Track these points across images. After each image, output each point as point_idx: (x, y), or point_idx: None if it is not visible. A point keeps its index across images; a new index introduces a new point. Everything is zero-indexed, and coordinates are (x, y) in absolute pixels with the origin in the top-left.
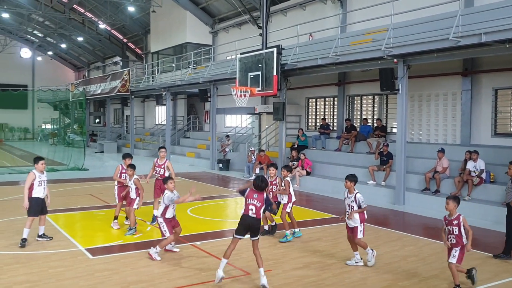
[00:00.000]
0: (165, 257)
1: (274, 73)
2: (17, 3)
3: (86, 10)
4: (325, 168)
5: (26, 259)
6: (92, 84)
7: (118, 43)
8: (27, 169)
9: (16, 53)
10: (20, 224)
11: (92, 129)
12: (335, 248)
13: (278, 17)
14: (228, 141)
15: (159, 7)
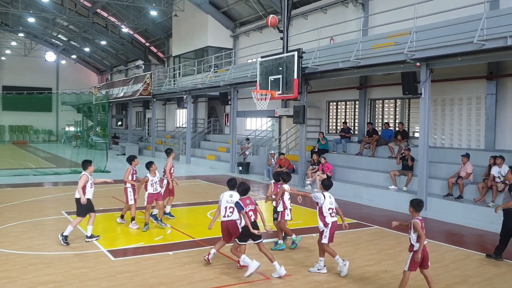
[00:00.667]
0: (186, 260)
1: (295, 77)
2: (42, 8)
3: (109, 14)
4: (346, 172)
5: (50, 259)
6: (115, 87)
7: (141, 47)
8: (51, 171)
9: (41, 57)
10: (43, 225)
11: (114, 132)
12: (355, 253)
13: (299, 20)
14: (248, 144)
15: (181, 12)
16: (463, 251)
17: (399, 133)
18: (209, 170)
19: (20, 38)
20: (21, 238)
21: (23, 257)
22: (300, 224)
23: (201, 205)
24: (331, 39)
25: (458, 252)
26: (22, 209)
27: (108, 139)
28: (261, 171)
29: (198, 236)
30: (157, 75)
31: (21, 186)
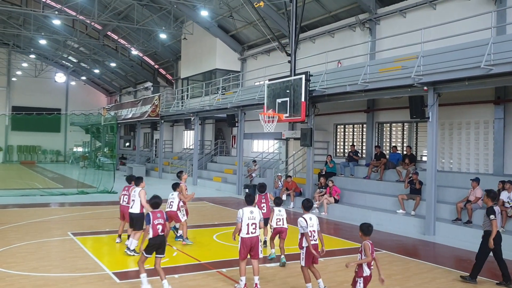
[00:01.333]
0: (192, 283)
1: (302, 99)
2: (54, 30)
3: (119, 37)
4: (354, 196)
5: (55, 281)
6: (124, 109)
7: (150, 69)
8: (58, 191)
9: (51, 78)
10: (49, 246)
11: (122, 153)
12: None
13: (306, 44)
14: (255, 166)
15: (190, 35)
16: None
17: (407, 157)
18: (216, 192)
19: (31, 59)
20: (26, 259)
21: (29, 278)
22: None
23: (207, 227)
24: (339, 62)
25: None
26: (28, 230)
27: (116, 160)
28: None
29: (204, 259)
30: (165, 97)
31: (28, 206)
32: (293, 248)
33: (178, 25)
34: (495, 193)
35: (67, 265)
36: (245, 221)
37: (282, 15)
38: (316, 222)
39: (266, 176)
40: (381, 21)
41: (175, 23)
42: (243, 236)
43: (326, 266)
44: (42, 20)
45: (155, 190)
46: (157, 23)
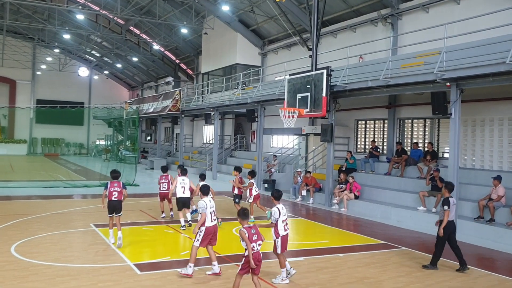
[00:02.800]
0: (211, 276)
1: (323, 94)
2: (77, 25)
3: (141, 31)
4: (374, 192)
5: (77, 272)
6: (145, 103)
7: (171, 64)
8: (81, 184)
9: (74, 72)
10: (72, 237)
11: (143, 146)
12: (383, 275)
13: (328, 39)
14: (275, 162)
15: (211, 30)
16: (495, 277)
17: (429, 154)
18: None
19: (55, 53)
20: (49, 249)
21: (52, 268)
22: (326, 244)
23: (227, 221)
24: (360, 57)
25: (490, 278)
26: (51, 221)
27: (138, 153)
28: (287, 188)
29: (224, 252)
30: (186, 91)
31: (52, 198)
32: (310, 244)
33: (199, 20)
34: (453, 185)
35: (89, 256)
36: (208, 210)
37: (304, 9)
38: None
39: (285, 171)
40: (404, 16)
41: (196, 18)
42: (208, 225)
43: (345, 262)
44: (66, 15)
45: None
46: (179, 18)
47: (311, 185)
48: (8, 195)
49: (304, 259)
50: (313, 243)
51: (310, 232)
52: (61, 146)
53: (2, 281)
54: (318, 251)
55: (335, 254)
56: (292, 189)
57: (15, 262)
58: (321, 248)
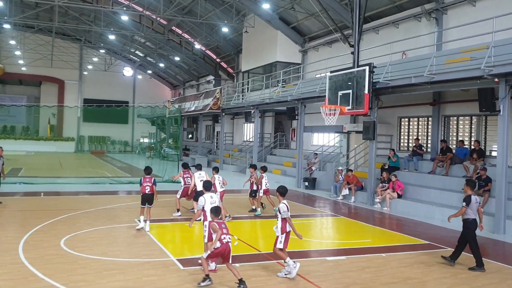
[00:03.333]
0: (252, 273)
1: (365, 92)
2: (122, 26)
3: (183, 31)
4: (418, 191)
5: (123, 266)
6: (187, 102)
7: (212, 63)
8: (126, 180)
9: (119, 72)
10: (117, 232)
11: (185, 144)
12: (427, 276)
13: (370, 35)
14: (315, 160)
15: (251, 28)
16: None
17: (475, 152)
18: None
19: (101, 54)
20: (97, 243)
21: (99, 262)
22: (368, 243)
23: (267, 218)
24: (403, 53)
25: None
26: (97, 216)
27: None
28: (327, 187)
29: (264, 249)
30: (226, 90)
31: (98, 194)
32: (352, 243)
33: (240, 19)
34: (474, 183)
35: (134, 250)
36: (207, 206)
37: (345, 6)
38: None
39: (326, 169)
40: (449, 11)
41: (237, 17)
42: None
43: (388, 262)
44: (111, 16)
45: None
46: (220, 17)
47: (353, 183)
48: (58, 191)
49: (346, 258)
50: (354, 242)
51: (352, 231)
52: (107, 144)
53: (53, 273)
54: (360, 251)
55: (377, 253)
56: (333, 188)
57: (64, 256)
58: (363, 248)
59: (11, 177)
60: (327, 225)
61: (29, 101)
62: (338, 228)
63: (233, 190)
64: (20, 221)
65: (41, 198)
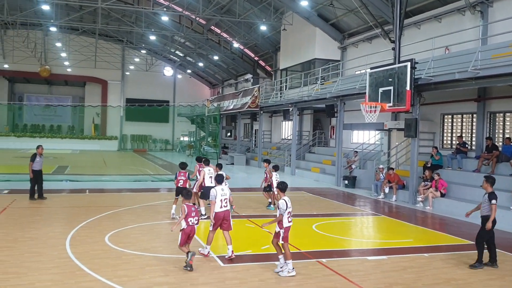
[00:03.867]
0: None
1: (407, 88)
2: (162, 26)
3: (222, 30)
4: (462, 190)
5: (165, 262)
6: (226, 100)
7: (250, 61)
8: (167, 178)
9: (160, 72)
10: (159, 228)
11: (224, 142)
12: (473, 277)
13: (411, 30)
14: (355, 158)
15: (290, 25)
16: None
17: None
18: (314, 183)
19: (142, 54)
20: (139, 240)
21: (142, 258)
22: (410, 243)
23: (306, 217)
24: (446, 49)
25: None
26: (140, 213)
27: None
28: (368, 185)
29: (304, 248)
30: (264, 88)
31: (140, 191)
32: (393, 242)
33: (278, 16)
34: (494, 179)
35: (175, 247)
36: (218, 198)
37: (385, 1)
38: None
39: (366, 167)
40: (494, 3)
41: (275, 15)
42: (216, 210)
43: (431, 262)
44: (152, 17)
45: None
46: (258, 15)
47: (394, 182)
48: (102, 188)
49: (387, 258)
50: (396, 241)
51: (393, 231)
52: (149, 142)
53: (98, 268)
54: (402, 250)
55: (419, 253)
56: (374, 186)
57: (109, 251)
58: (405, 247)
59: (58, 175)
60: (367, 224)
61: (74, 101)
62: (379, 228)
63: None
64: (67, 217)
65: (86, 195)
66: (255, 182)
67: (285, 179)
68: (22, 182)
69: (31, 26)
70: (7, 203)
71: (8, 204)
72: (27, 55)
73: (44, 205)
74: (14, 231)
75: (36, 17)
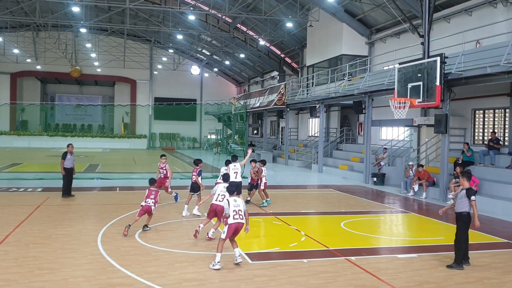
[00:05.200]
0: (320, 269)
1: (437, 83)
2: (189, 25)
3: (248, 28)
4: (494, 187)
5: (194, 258)
6: (252, 98)
7: (276, 58)
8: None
9: (187, 71)
10: (188, 225)
11: (250, 140)
12: (507, 276)
13: (440, 24)
14: (384, 154)
15: (316, 22)
16: None
17: None
18: (342, 180)
19: (169, 54)
20: (168, 236)
21: (171, 254)
22: (441, 241)
23: (334, 214)
24: (477, 42)
25: None
26: (169, 210)
27: (245, 146)
28: (397, 183)
29: (332, 246)
30: (291, 85)
31: None
32: (424, 240)
33: (304, 13)
34: (470, 174)
35: (204, 244)
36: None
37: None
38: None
39: (395, 164)
40: None
41: (301, 11)
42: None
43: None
44: (179, 17)
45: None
46: (284, 12)
47: (424, 179)
48: (132, 186)
49: (418, 256)
50: (426, 239)
51: (423, 228)
52: (177, 141)
53: (129, 264)
54: (432, 248)
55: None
56: (403, 183)
57: (139, 248)
58: (436, 245)
59: (89, 173)
60: (397, 222)
61: (104, 100)
62: (409, 225)
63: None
64: (98, 214)
65: (117, 192)
66: (282, 179)
67: (312, 177)
68: (55, 180)
69: (62, 27)
70: (41, 200)
71: (42, 201)
72: (58, 56)
73: (76, 202)
74: (48, 228)
75: (67, 18)
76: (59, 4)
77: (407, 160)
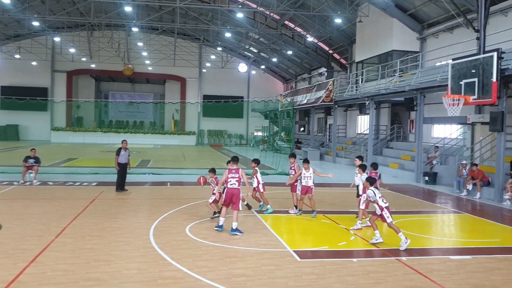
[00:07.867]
0: (370, 268)
1: (493, 80)
2: (237, 23)
3: (296, 25)
4: None
5: (243, 254)
6: (299, 95)
7: (324, 55)
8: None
9: (235, 68)
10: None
11: (297, 137)
12: None
13: (497, 18)
14: (436, 153)
15: (366, 17)
16: None
17: None
18: (392, 179)
19: (218, 52)
20: (217, 231)
21: (220, 249)
22: (497, 243)
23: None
24: None
25: None
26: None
27: (292, 144)
28: (450, 182)
29: (383, 246)
30: (339, 81)
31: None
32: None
33: (353, 8)
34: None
35: (252, 240)
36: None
37: None
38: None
39: (448, 163)
40: None
41: (350, 7)
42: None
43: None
44: (227, 15)
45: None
46: (332, 8)
47: (478, 178)
48: (181, 181)
49: (472, 258)
50: (481, 241)
51: (478, 230)
52: (224, 137)
53: (180, 258)
54: (488, 250)
55: (508, 254)
56: (456, 183)
57: (190, 242)
58: (491, 247)
59: (141, 168)
60: (449, 223)
61: (155, 98)
62: (462, 226)
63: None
64: (150, 208)
65: (168, 187)
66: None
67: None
68: (109, 175)
69: (115, 27)
70: (95, 194)
71: (96, 195)
72: (112, 55)
73: (129, 196)
74: (103, 221)
75: (119, 18)
76: (113, 4)
77: (460, 159)
